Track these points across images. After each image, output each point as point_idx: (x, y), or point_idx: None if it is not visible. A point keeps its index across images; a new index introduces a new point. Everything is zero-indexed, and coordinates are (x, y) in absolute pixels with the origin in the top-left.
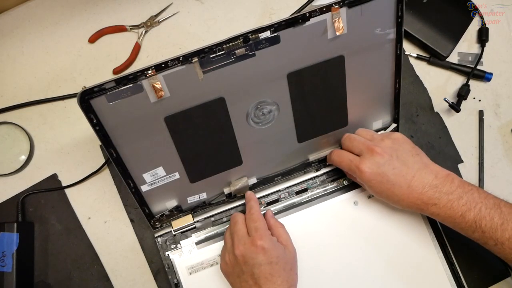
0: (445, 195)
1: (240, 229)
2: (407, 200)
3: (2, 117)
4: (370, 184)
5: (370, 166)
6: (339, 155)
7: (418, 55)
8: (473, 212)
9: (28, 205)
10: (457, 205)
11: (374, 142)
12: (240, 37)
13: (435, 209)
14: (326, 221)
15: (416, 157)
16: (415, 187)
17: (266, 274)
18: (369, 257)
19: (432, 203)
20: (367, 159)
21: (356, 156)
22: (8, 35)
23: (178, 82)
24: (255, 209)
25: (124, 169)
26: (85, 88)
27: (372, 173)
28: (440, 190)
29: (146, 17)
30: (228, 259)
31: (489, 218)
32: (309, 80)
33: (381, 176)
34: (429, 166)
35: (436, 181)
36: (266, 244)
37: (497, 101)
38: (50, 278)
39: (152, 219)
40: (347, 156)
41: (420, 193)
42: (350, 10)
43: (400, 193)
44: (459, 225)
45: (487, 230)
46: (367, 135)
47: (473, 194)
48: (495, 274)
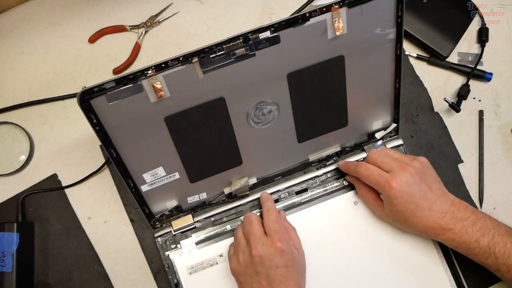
0: (460, 221)
1: (256, 230)
2: (425, 224)
3: (2, 117)
4: (396, 201)
5: (400, 183)
6: (368, 168)
7: (418, 55)
8: (487, 238)
9: (28, 205)
10: (472, 231)
11: (406, 161)
12: (240, 37)
13: (451, 234)
14: (326, 221)
15: (439, 184)
16: (435, 211)
17: (281, 277)
18: (369, 257)
19: (448, 228)
20: (398, 176)
21: (385, 172)
22: (8, 35)
23: (178, 82)
24: (274, 210)
25: (124, 169)
26: (85, 88)
27: (401, 191)
28: (456, 216)
29: (146, 17)
30: (243, 258)
31: (502, 244)
32: (309, 80)
33: (408, 196)
34: (447, 194)
35: (452, 207)
36: (285, 246)
37: (497, 101)
38: (50, 278)
39: (152, 219)
40: (377, 170)
41: (438, 218)
42: (350, 10)
43: (422, 215)
44: (473, 251)
45: (500, 256)
46: (394, 153)
47: (485, 221)
48: (495, 275)
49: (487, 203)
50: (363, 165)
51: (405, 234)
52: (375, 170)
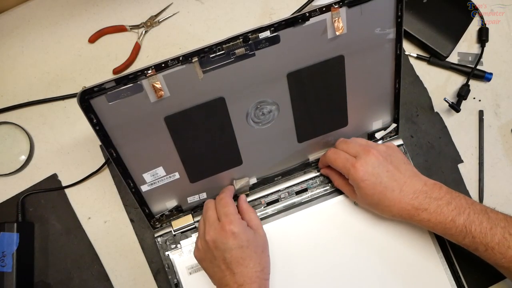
0: (434, 201)
1: (210, 215)
2: (398, 205)
3: (2, 117)
4: (363, 184)
5: (365, 165)
6: (335, 152)
7: (418, 55)
8: (462, 217)
9: (28, 205)
10: (447, 210)
11: (370, 144)
12: (240, 37)
13: (426, 215)
14: (326, 221)
15: (408, 165)
16: (406, 192)
17: (238, 258)
18: (369, 257)
19: (423, 208)
20: (363, 159)
21: (352, 157)
22: (8, 35)
23: (178, 82)
24: (225, 194)
25: (124, 169)
26: (85, 88)
27: (366, 172)
28: (429, 196)
29: (146, 17)
30: (200, 244)
31: (478, 223)
32: (309, 80)
33: (375, 177)
34: (418, 175)
35: (425, 187)
36: (236, 228)
37: (497, 101)
38: (50, 278)
39: (152, 219)
40: (343, 154)
41: (411, 199)
42: (350, 10)
43: (392, 197)
44: (449, 231)
45: (477, 235)
46: (361, 141)
47: (460, 200)
48: (495, 274)
49: (487, 203)
50: (331, 150)
51: (405, 234)
52: (342, 154)
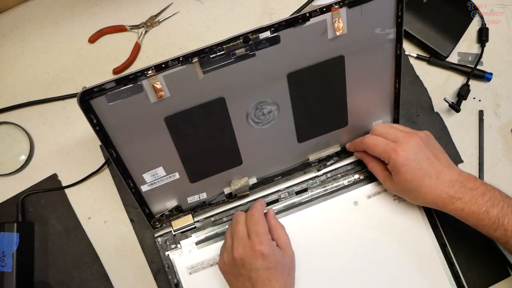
0: (469, 191)
1: (240, 230)
2: (434, 193)
3: (2, 117)
4: (403, 169)
5: (407, 150)
6: (374, 138)
7: (418, 55)
8: (496, 209)
9: (28, 205)
10: (482, 201)
11: (411, 131)
12: (240, 37)
13: (460, 204)
14: (326, 221)
15: (445, 154)
16: (443, 180)
17: (264, 279)
18: (369, 257)
19: (458, 197)
20: (404, 144)
21: (392, 142)
22: (8, 35)
23: (178, 82)
24: (257, 210)
25: (124, 169)
26: (85, 88)
27: (408, 158)
28: (465, 186)
29: (146, 17)
30: (227, 259)
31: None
32: (309, 80)
33: (416, 163)
34: (454, 165)
35: (461, 177)
36: (266, 249)
37: (497, 101)
38: (50, 278)
39: (152, 219)
40: (382, 140)
41: (447, 187)
42: (350, 10)
43: (430, 183)
44: (482, 222)
45: (509, 228)
46: (399, 126)
47: (495, 193)
48: (495, 274)
49: None
50: (369, 136)
51: (405, 234)
52: (381, 140)
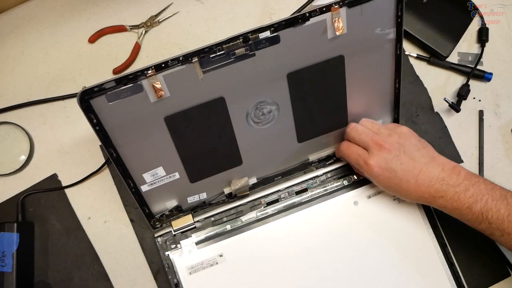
0: (451, 188)
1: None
2: (414, 194)
3: (2, 117)
4: (378, 179)
5: (378, 161)
6: (348, 147)
7: (418, 55)
8: (479, 204)
9: (28, 205)
10: (464, 197)
11: (382, 137)
12: (240, 37)
13: (442, 202)
14: (326, 221)
15: (423, 150)
16: (422, 181)
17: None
18: (368, 257)
19: (439, 195)
20: (375, 154)
21: (364, 151)
22: (8, 35)
23: (178, 82)
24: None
25: (124, 169)
26: (85, 88)
27: (380, 169)
28: (447, 183)
29: (146, 17)
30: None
31: (496, 210)
32: (309, 80)
33: (389, 172)
34: (436, 159)
35: (443, 173)
36: None
37: (497, 101)
38: (50, 278)
39: (152, 219)
40: (356, 149)
41: (427, 187)
42: (350, 10)
43: (408, 187)
44: (465, 217)
45: (493, 221)
46: (373, 127)
47: (479, 186)
48: (495, 274)
49: None
50: (344, 144)
51: (405, 234)
52: (355, 149)
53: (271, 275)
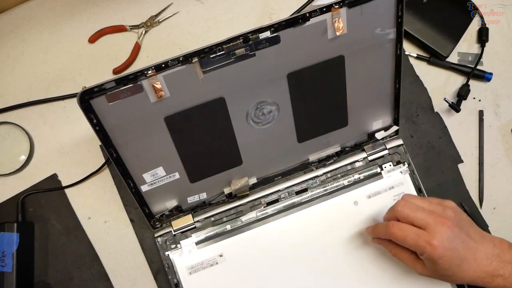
0: (508, 264)
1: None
2: (473, 275)
3: (2, 117)
4: (440, 260)
5: (442, 241)
6: (402, 228)
7: (418, 55)
8: None
9: (28, 205)
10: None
11: (440, 213)
12: (240, 37)
13: (501, 280)
14: (326, 221)
15: (474, 227)
16: (480, 260)
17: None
18: (369, 257)
19: (498, 274)
20: (438, 233)
21: (423, 231)
22: (8, 35)
23: (178, 82)
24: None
25: (124, 169)
26: (85, 88)
27: (445, 249)
28: (503, 260)
29: (146, 17)
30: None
31: None
32: (309, 80)
33: (452, 251)
34: (484, 235)
35: (496, 250)
36: None
37: (497, 101)
38: (50, 278)
39: (152, 219)
40: (413, 230)
41: (485, 266)
42: (350, 10)
43: (468, 267)
44: None
45: None
46: (423, 203)
47: None
48: None
49: (487, 203)
50: (395, 225)
51: None
52: (410, 230)
53: (271, 275)
